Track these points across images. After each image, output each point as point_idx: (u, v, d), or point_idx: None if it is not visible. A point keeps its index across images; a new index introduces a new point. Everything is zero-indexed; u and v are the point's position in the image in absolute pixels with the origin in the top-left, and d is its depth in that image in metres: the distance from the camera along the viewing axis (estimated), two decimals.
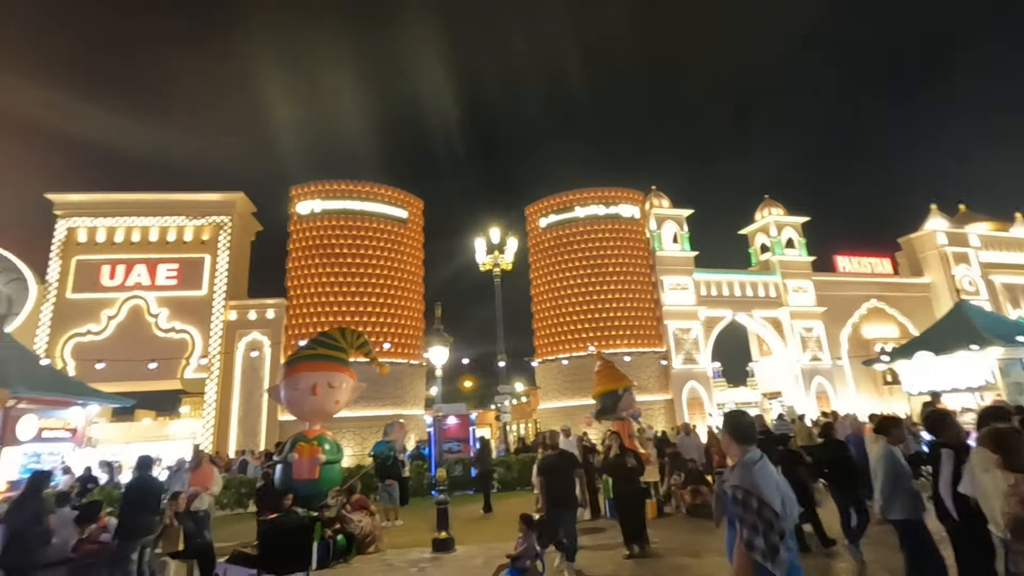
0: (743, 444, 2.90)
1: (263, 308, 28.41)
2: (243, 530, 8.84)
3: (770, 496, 2.66)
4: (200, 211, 28.59)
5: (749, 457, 2.85)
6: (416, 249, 32.55)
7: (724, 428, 3.06)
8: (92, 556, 5.97)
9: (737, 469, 2.84)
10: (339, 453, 8.16)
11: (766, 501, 2.63)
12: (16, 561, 5.29)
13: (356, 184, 30.84)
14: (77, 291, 26.76)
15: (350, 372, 8.50)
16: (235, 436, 26.52)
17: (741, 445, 2.90)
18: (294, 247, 30.20)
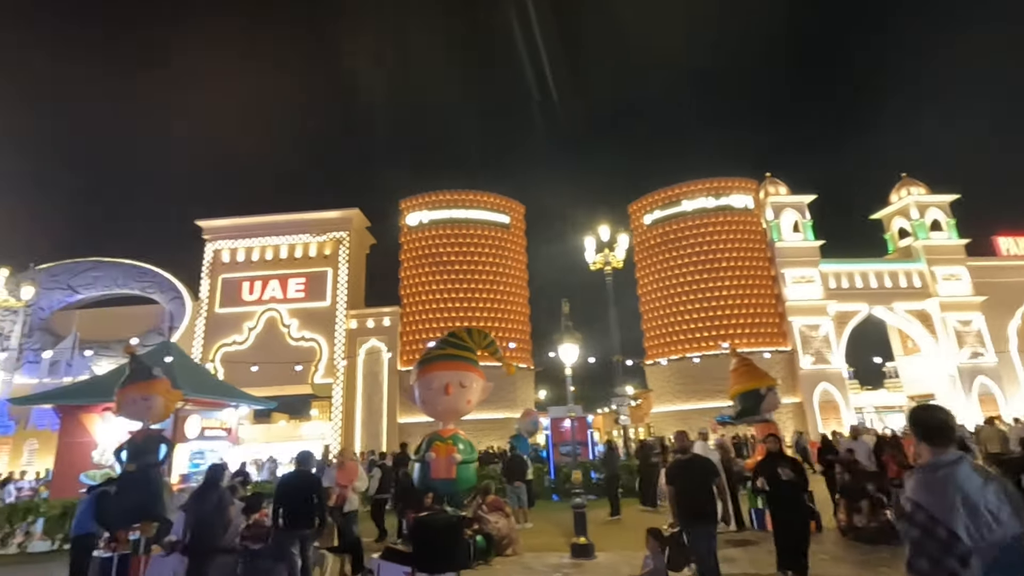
0: (936, 444, 2.32)
1: (380, 316, 29.98)
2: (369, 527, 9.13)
3: (944, 510, 2.08)
4: (321, 228, 30.82)
5: (936, 461, 2.27)
6: (519, 253, 32.81)
7: (911, 425, 2.47)
8: (258, 545, 6.37)
9: (914, 475, 2.31)
10: (473, 453, 8.18)
11: (937, 516, 2.07)
12: (200, 546, 5.75)
13: (459, 193, 31.71)
14: (224, 306, 29.88)
15: (479, 372, 8.50)
16: (360, 437, 28.12)
17: (934, 446, 2.32)
18: (405, 257, 31.65)
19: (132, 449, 8.60)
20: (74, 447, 13.47)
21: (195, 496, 5.91)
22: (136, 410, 8.76)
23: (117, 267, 30.99)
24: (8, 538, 10.73)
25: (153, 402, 8.80)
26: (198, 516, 5.73)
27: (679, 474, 5.80)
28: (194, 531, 5.71)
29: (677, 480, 5.76)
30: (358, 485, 7.69)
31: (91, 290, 30.88)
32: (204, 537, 5.71)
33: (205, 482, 5.99)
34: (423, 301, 30.28)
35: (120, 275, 30.81)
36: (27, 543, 10.78)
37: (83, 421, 13.61)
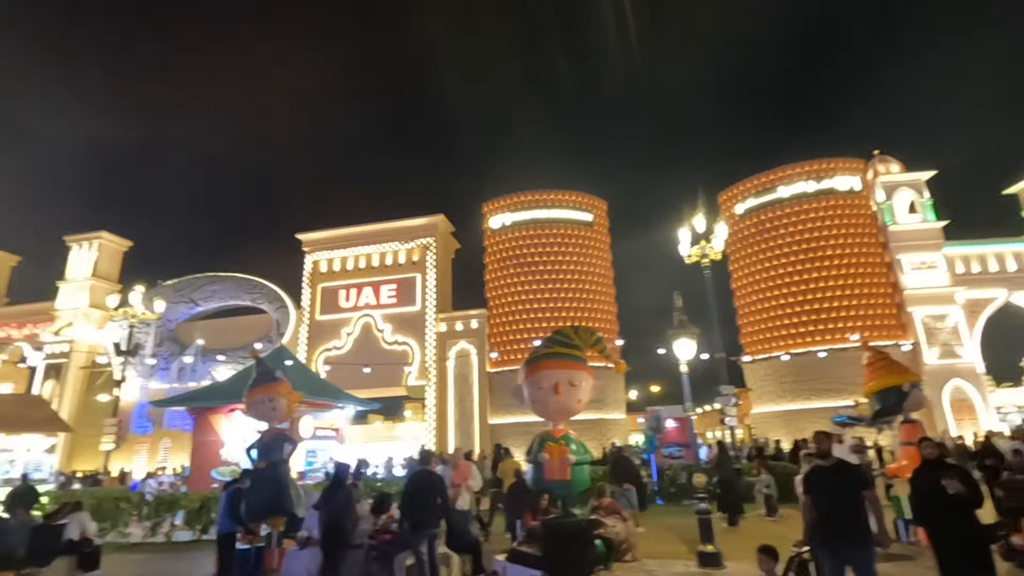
0: None
1: (467, 319, 30.47)
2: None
3: None
4: (409, 235, 31.85)
5: None
6: (603, 251, 32.19)
7: None
8: (388, 543, 6.51)
9: None
10: (587, 454, 7.94)
11: None
12: (333, 542, 5.96)
13: (541, 193, 31.62)
14: (323, 313, 31.66)
15: (588, 370, 8.24)
16: (453, 437, 28.70)
17: None
18: (490, 260, 32.02)
19: (261, 447, 9.16)
20: (205, 446, 14.69)
21: (325, 495, 6.13)
22: (263, 410, 9.31)
23: (231, 281, 33.74)
24: (157, 527, 11.85)
25: (277, 403, 9.33)
26: (330, 514, 5.93)
27: (820, 484, 4.80)
28: (327, 528, 5.92)
29: (817, 491, 4.79)
30: (472, 484, 7.68)
31: (210, 302, 33.79)
32: (336, 534, 5.91)
33: (333, 481, 6.22)
34: (509, 303, 30.45)
35: (233, 288, 33.51)
36: (172, 532, 11.87)
37: (211, 422, 14.82)
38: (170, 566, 9.39)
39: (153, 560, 9.91)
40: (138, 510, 12.06)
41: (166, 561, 9.85)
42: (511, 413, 28.48)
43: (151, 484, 15.94)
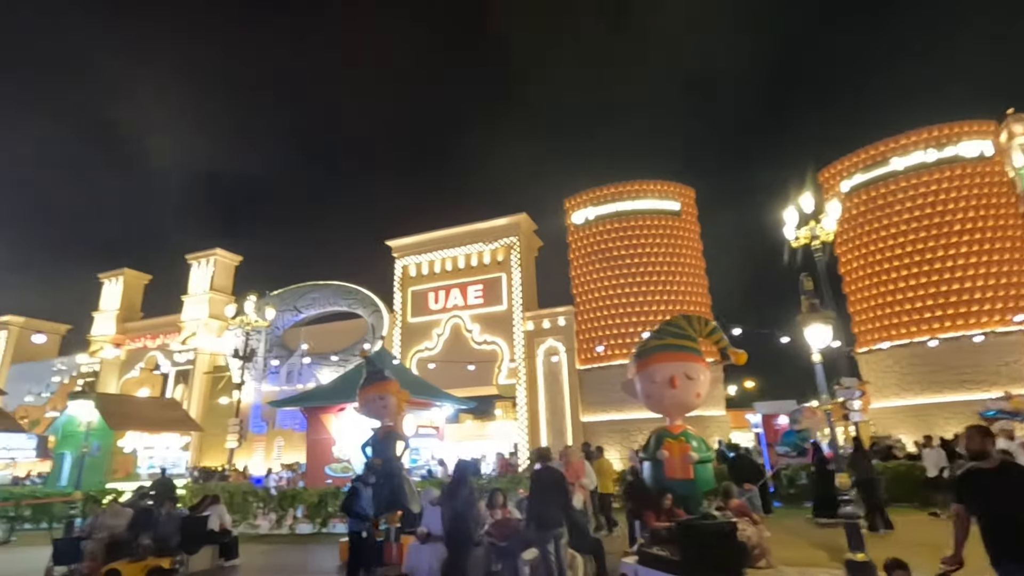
0: None
1: (554, 316, 30.24)
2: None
3: None
4: (493, 236, 32.14)
5: None
6: (693, 240, 30.78)
7: None
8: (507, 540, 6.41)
9: None
10: (709, 451, 7.42)
11: None
12: (456, 538, 5.94)
13: (624, 185, 30.78)
14: (415, 316, 32.69)
15: (705, 362, 7.71)
16: (545, 436, 28.58)
17: None
18: (574, 255, 31.61)
19: (375, 444, 9.47)
20: (318, 443, 15.54)
21: (448, 491, 6.13)
22: (375, 408, 9.62)
23: (329, 288, 35.74)
24: (281, 520, 12.63)
25: (388, 401, 9.60)
26: (453, 510, 5.91)
27: (979, 489, 3.86)
28: (450, 525, 5.90)
29: (975, 499, 3.86)
30: (586, 483, 7.42)
31: (311, 309, 35.98)
32: (460, 530, 5.88)
33: (456, 478, 6.20)
34: (596, 299, 29.88)
35: (331, 295, 35.47)
36: (295, 525, 12.61)
37: (323, 420, 15.64)
38: (297, 557, 9.91)
39: (281, 551, 10.51)
40: (264, 504, 12.92)
41: (292, 552, 10.42)
42: (604, 411, 27.93)
43: (273, 479, 17.11)
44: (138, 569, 7.66)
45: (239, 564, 9.14)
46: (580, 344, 29.55)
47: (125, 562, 7.76)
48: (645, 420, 26.87)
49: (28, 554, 11.43)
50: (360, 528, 6.25)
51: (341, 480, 14.87)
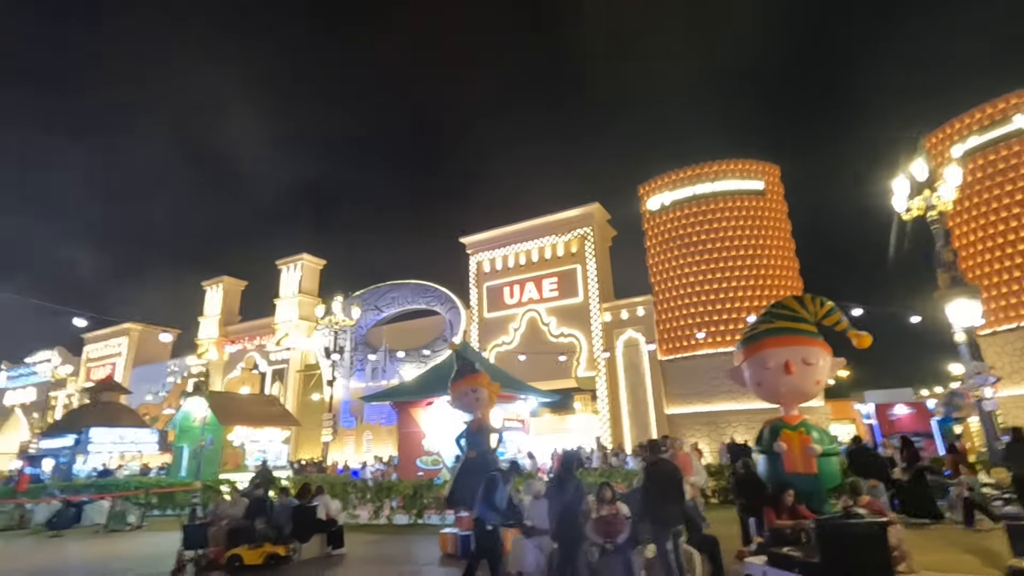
0: None
1: (633, 307, 29.48)
2: None
3: None
4: (566, 227, 31.76)
5: None
6: (780, 220, 28.92)
7: None
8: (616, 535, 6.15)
9: None
10: (833, 443, 6.79)
11: None
12: (568, 533, 5.76)
13: (702, 167, 29.41)
14: (491, 311, 32.96)
15: (824, 345, 7.05)
16: (628, 429, 27.95)
17: None
18: (651, 243, 30.61)
19: (470, 437, 9.53)
20: (409, 437, 15.95)
21: (556, 484, 5.95)
22: (467, 401, 9.67)
23: (407, 287, 36.80)
24: (379, 511, 13.04)
25: (480, 394, 9.62)
26: (562, 503, 5.72)
27: None
28: (560, 518, 5.72)
29: None
30: (695, 480, 7.00)
31: (391, 308, 37.21)
32: (570, 524, 5.69)
33: (563, 469, 6.02)
34: (676, 287, 28.79)
35: (410, 293, 36.50)
36: (392, 515, 12.98)
37: (412, 414, 16.04)
38: (399, 547, 10.14)
39: (382, 541, 10.81)
40: (362, 494, 13.40)
41: (393, 542, 10.68)
42: (689, 402, 26.91)
43: (369, 471, 17.78)
44: (257, 554, 8.10)
45: (345, 553, 9.46)
46: (661, 334, 28.62)
47: (245, 548, 8.23)
48: (735, 412, 25.61)
49: (159, 538, 12.50)
50: (494, 521, 6.16)
51: (432, 472, 15.17)
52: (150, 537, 12.89)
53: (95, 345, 47.48)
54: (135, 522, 14.06)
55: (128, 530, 13.79)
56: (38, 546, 12.26)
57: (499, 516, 6.15)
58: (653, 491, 5.47)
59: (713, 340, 26.77)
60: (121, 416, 25.99)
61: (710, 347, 26.87)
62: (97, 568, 9.51)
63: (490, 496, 6.11)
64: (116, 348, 46.03)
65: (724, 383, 26.13)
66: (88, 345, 47.88)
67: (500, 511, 6.20)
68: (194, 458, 19.83)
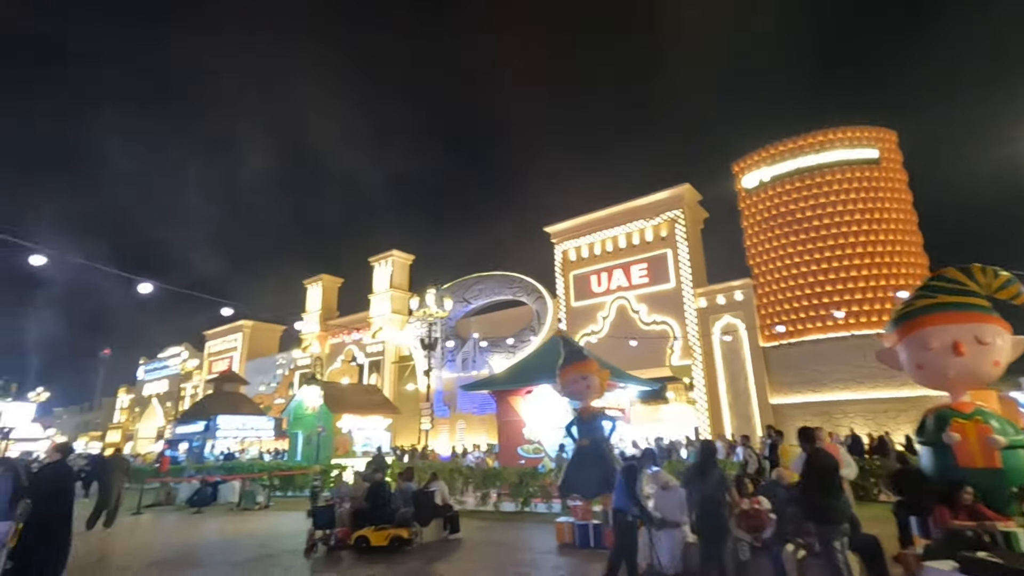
0: None
1: (730, 291, 27.95)
2: None
3: None
4: (654, 211, 30.63)
5: None
6: (899, 191, 26.16)
7: None
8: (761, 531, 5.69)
9: None
10: (1020, 434, 5.87)
11: None
12: (711, 525, 5.39)
13: (805, 138, 27.20)
14: (578, 300, 32.55)
15: (1001, 322, 6.10)
16: (728, 420, 26.62)
17: None
18: (748, 223, 28.82)
19: (581, 425, 9.31)
20: (509, 425, 16.04)
21: (695, 473, 5.57)
22: (577, 389, 9.45)
23: (493, 278, 37.21)
24: (486, 497, 13.20)
25: (591, 381, 9.36)
26: (703, 494, 5.36)
27: None
28: (701, 510, 5.35)
29: None
30: (846, 472, 6.33)
31: (478, 300, 37.80)
32: (712, 516, 5.31)
33: (704, 458, 5.63)
34: (777, 268, 26.91)
35: (496, 285, 36.88)
36: (499, 503, 13.09)
37: (511, 403, 16.10)
38: (513, 534, 10.15)
39: (493, 527, 10.89)
40: (468, 481, 13.62)
41: (505, 529, 10.72)
42: (797, 391, 25.14)
43: (471, 459, 18.14)
44: (383, 536, 8.38)
45: (462, 537, 9.59)
46: (762, 319, 26.90)
47: (371, 529, 8.55)
48: (852, 401, 23.58)
49: (284, 517, 13.42)
50: (635, 512, 5.91)
51: (533, 460, 15.15)
52: (277, 516, 13.86)
53: (215, 341, 52.20)
54: (263, 502, 15.21)
55: (257, 509, 14.93)
56: (184, 521, 13.53)
57: (639, 507, 5.86)
58: (813, 485, 4.94)
59: (824, 324, 24.77)
60: (242, 405, 28.32)
61: (819, 332, 24.91)
62: (240, 543, 10.29)
63: (631, 486, 5.84)
64: (232, 343, 50.33)
65: (837, 370, 24.20)
66: (209, 341, 52.75)
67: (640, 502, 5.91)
68: (308, 444, 21.17)
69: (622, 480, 6.22)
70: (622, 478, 6.23)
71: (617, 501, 6.08)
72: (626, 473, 6.19)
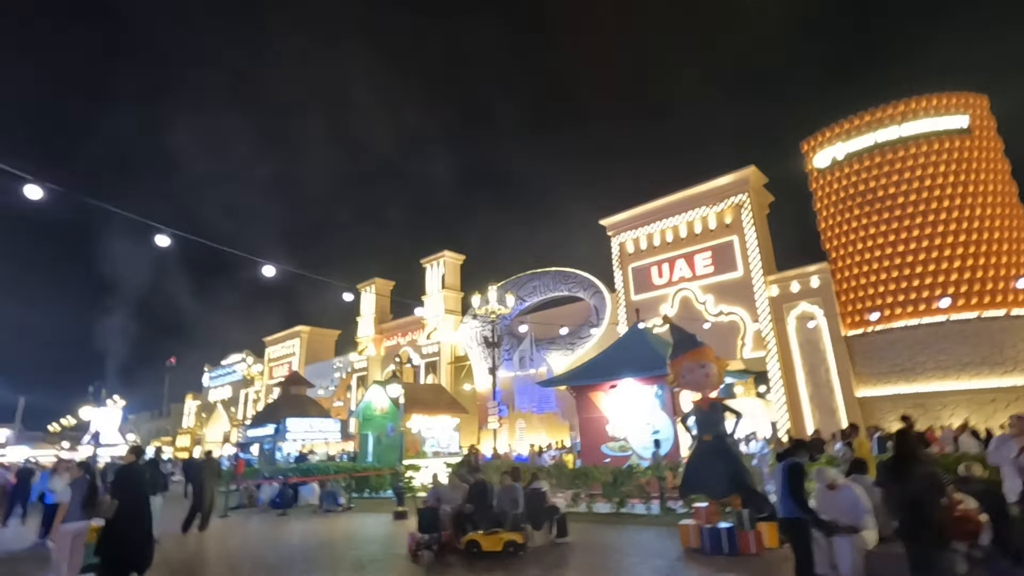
0: None
1: (805, 277, 26.35)
2: None
3: None
4: (718, 196, 29.27)
5: None
6: (994, 160, 24.07)
7: None
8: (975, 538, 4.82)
9: None
10: None
11: None
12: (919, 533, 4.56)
13: (884, 109, 25.40)
14: (638, 293, 31.47)
15: None
16: (809, 414, 25.07)
17: None
18: (821, 204, 27.16)
19: (701, 418, 8.54)
20: (591, 422, 15.34)
21: (892, 470, 4.72)
22: (695, 378, 8.68)
23: (548, 275, 36.52)
24: (577, 498, 12.54)
25: (710, 369, 8.58)
26: (904, 496, 4.53)
27: None
28: (906, 515, 4.51)
29: None
30: None
31: (533, 297, 37.18)
32: (918, 522, 4.46)
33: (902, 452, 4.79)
34: (858, 251, 25.21)
35: (551, 281, 36.17)
36: (592, 503, 12.41)
37: (592, 399, 15.40)
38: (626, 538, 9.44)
39: (598, 529, 10.21)
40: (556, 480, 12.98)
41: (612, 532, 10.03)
42: (888, 382, 23.41)
43: (545, 459, 17.55)
44: (496, 540, 7.84)
45: (570, 542, 8.96)
46: (843, 306, 25.22)
47: (481, 534, 8.02)
48: (952, 392, 21.73)
49: (371, 519, 13.15)
50: (804, 516, 5.16)
51: (620, 459, 14.40)
52: (361, 517, 13.61)
53: (274, 347, 53.52)
54: (345, 503, 15.03)
55: (340, 510, 14.75)
56: (272, 523, 13.43)
57: (810, 513, 5.09)
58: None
59: (916, 309, 22.97)
60: (309, 407, 28.62)
61: (910, 316, 23.11)
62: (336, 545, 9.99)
63: (798, 488, 5.07)
64: (291, 348, 51.45)
65: (933, 358, 22.37)
66: (269, 347, 54.13)
67: (806, 504, 5.14)
68: (379, 444, 21.05)
69: (785, 481, 5.43)
70: (785, 478, 5.44)
71: (786, 507, 5.30)
72: (790, 472, 5.40)
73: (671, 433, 13.54)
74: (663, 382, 14.22)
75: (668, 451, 12.78)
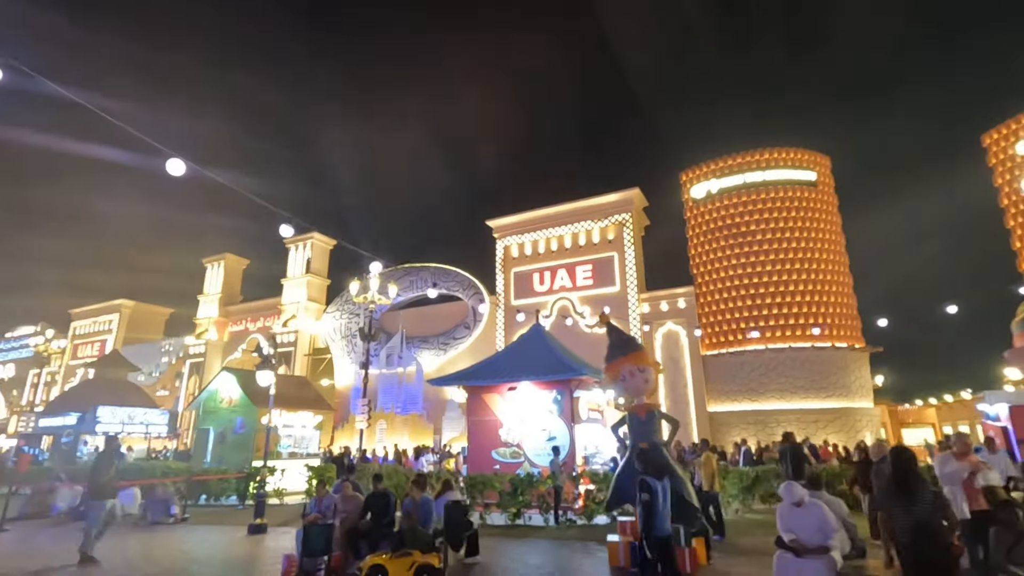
0: None
1: (673, 298, 28.19)
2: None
3: None
4: (603, 213, 30.30)
5: None
6: (831, 213, 27.95)
7: None
8: None
9: None
10: None
11: None
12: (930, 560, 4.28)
13: (752, 154, 28.27)
14: (518, 298, 31.35)
15: None
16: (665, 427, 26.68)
17: None
18: (693, 233, 29.40)
19: (636, 425, 8.02)
20: (481, 425, 14.34)
21: (896, 491, 4.41)
22: (635, 383, 8.15)
23: (425, 271, 34.98)
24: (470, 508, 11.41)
25: (649, 374, 8.12)
26: (915, 519, 4.23)
27: None
28: (914, 538, 4.21)
29: None
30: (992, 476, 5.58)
31: (407, 292, 35.30)
32: (928, 544, 4.20)
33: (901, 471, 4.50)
34: (720, 279, 27.64)
35: (428, 277, 34.65)
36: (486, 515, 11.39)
37: (486, 400, 14.42)
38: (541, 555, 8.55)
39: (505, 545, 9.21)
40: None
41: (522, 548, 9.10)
42: (735, 399, 25.75)
43: (422, 463, 16.13)
44: (404, 565, 6.43)
45: (481, 561, 7.84)
46: (704, 328, 27.40)
47: (388, 557, 6.57)
48: (786, 411, 24.51)
49: (213, 533, 10.72)
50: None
51: (510, 466, 13.61)
52: (200, 532, 11.06)
53: (83, 321, 44.53)
54: (179, 514, 12.19)
55: (171, 522, 11.92)
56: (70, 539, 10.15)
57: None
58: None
59: (763, 336, 25.64)
60: (129, 395, 23.78)
61: (760, 343, 25.74)
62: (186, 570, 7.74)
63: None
64: (106, 325, 43.22)
65: (776, 380, 25.07)
66: (75, 321, 44.90)
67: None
68: (221, 442, 17.91)
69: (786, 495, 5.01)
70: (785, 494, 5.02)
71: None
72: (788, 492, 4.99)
73: (568, 440, 13.10)
74: (562, 387, 13.77)
75: (565, 459, 12.29)
